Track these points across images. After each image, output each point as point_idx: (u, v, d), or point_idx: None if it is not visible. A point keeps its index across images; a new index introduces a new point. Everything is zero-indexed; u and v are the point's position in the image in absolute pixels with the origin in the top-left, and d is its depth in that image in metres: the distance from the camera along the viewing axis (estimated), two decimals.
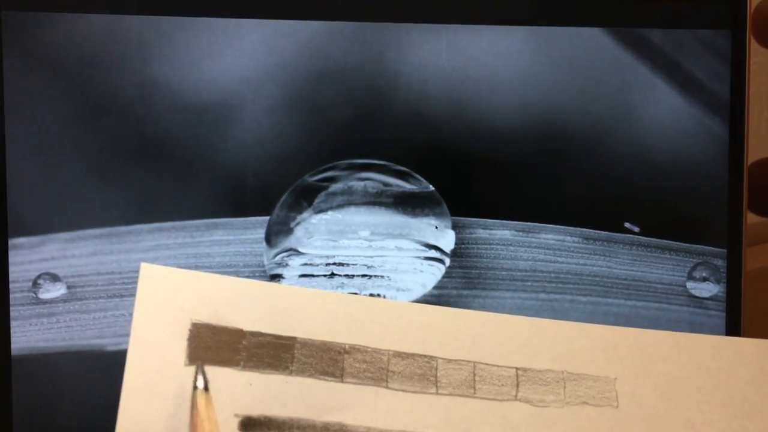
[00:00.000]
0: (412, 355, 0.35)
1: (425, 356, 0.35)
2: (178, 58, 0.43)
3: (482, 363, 0.35)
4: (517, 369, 0.35)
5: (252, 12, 0.43)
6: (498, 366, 0.35)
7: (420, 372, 0.35)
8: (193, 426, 0.31)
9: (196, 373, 0.32)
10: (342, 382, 0.34)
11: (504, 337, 0.35)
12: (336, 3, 0.43)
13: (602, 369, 0.35)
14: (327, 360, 0.34)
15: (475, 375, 0.35)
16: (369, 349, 0.35)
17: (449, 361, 0.35)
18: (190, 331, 0.34)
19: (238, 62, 0.43)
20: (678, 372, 0.35)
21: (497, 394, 0.35)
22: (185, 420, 0.32)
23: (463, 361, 0.35)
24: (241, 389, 0.32)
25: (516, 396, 0.35)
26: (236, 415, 0.33)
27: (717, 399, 0.35)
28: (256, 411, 0.33)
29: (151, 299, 0.34)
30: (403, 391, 0.34)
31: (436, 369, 0.35)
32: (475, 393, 0.35)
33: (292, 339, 0.34)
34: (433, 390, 0.35)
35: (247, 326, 0.34)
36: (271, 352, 0.34)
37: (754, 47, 0.43)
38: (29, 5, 0.42)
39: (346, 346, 0.35)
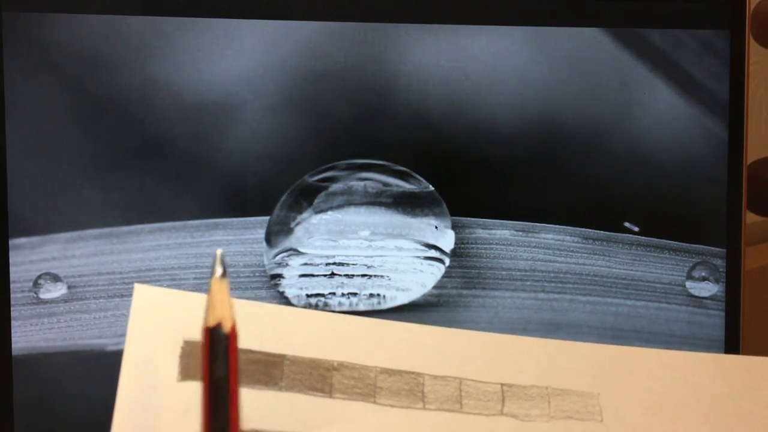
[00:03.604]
0: (400, 372, 0.35)
1: (412, 373, 0.35)
2: (178, 59, 0.43)
3: (468, 379, 0.35)
4: (502, 385, 0.35)
5: (252, 12, 0.43)
6: (484, 382, 0.35)
7: (407, 388, 0.35)
8: (209, 309, 0.31)
9: (215, 262, 0.32)
10: (331, 397, 0.34)
11: (489, 354, 0.36)
12: (336, 3, 0.43)
13: (586, 385, 0.35)
14: (316, 376, 0.35)
15: (461, 391, 0.35)
16: (357, 366, 0.35)
17: (436, 377, 0.35)
18: (182, 348, 0.34)
19: (238, 63, 0.43)
20: (660, 387, 0.36)
21: (483, 409, 0.35)
22: None
23: (449, 377, 0.35)
24: None
25: (502, 411, 0.35)
26: None
27: (699, 413, 0.35)
28: (247, 425, 0.33)
29: (144, 319, 0.35)
30: (391, 406, 0.35)
31: (423, 385, 0.35)
32: (461, 408, 0.35)
33: (282, 356, 0.35)
34: (420, 405, 0.35)
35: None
36: (261, 369, 0.34)
37: (753, 47, 0.43)
38: (30, 6, 0.42)
39: (335, 363, 0.35)
